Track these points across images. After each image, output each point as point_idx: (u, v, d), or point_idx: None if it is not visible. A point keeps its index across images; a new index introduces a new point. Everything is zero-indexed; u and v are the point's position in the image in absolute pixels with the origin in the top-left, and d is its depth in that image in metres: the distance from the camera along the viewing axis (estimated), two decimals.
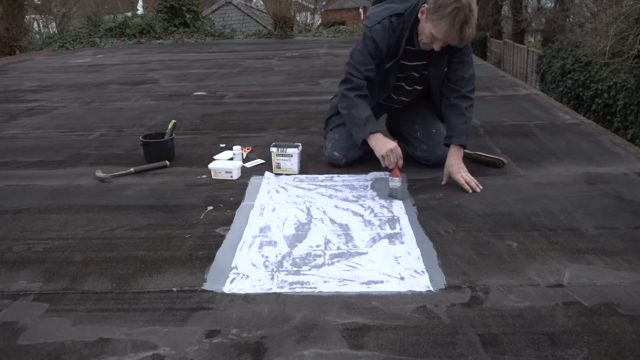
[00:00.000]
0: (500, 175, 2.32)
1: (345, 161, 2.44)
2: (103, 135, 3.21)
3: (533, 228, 1.82)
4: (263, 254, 1.69)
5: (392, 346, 1.24)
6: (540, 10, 17.32)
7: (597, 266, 1.57)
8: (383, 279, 1.53)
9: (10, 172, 2.59)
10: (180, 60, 6.96)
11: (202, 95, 4.44)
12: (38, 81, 5.50)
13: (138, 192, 2.26)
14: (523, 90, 4.26)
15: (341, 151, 2.43)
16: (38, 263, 1.68)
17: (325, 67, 5.82)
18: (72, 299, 1.48)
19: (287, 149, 2.37)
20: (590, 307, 1.37)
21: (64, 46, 9.44)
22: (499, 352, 1.21)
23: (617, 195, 2.07)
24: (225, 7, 16.76)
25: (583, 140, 2.78)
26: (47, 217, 2.03)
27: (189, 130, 3.27)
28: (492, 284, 1.49)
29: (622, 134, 6.41)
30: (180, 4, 10.16)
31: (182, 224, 1.93)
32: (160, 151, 2.60)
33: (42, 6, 15.61)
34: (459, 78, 2.25)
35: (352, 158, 2.44)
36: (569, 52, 7.99)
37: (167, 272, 1.60)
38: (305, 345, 1.26)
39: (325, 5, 24.65)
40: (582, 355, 1.19)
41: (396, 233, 1.81)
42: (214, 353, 1.24)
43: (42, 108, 4.09)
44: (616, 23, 6.33)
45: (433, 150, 2.38)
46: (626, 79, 6.50)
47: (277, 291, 1.48)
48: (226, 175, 2.38)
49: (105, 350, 1.25)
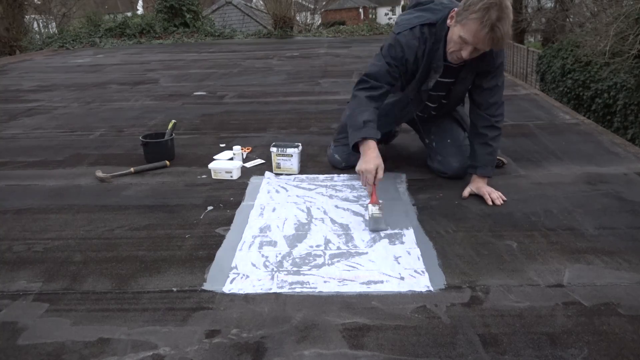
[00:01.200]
0: (500, 175, 2.32)
1: (345, 165, 2.43)
2: (103, 135, 3.21)
3: (533, 228, 1.82)
4: (263, 254, 1.69)
5: (392, 346, 1.24)
6: (540, 10, 17.31)
7: (597, 266, 1.57)
8: (383, 279, 1.53)
9: (10, 172, 2.59)
10: (180, 60, 6.96)
11: (202, 95, 4.44)
12: (38, 81, 5.50)
13: (138, 192, 2.26)
14: (523, 90, 4.26)
15: (342, 155, 2.42)
16: (38, 263, 1.68)
17: (325, 67, 5.81)
18: (72, 299, 1.48)
19: (287, 149, 2.37)
20: (590, 307, 1.37)
21: (64, 46, 9.43)
22: (499, 352, 1.21)
23: (617, 195, 2.07)
24: (225, 7, 16.76)
25: (583, 140, 2.78)
26: (47, 217, 2.03)
27: (189, 130, 3.27)
28: (492, 284, 1.49)
29: (622, 134, 6.41)
30: (180, 4, 10.16)
31: (182, 224, 1.93)
32: (160, 151, 2.60)
33: (42, 6, 15.60)
34: (489, 105, 2.09)
35: (352, 163, 2.38)
36: (569, 52, 7.99)
37: (167, 272, 1.60)
38: (305, 345, 1.26)
39: (325, 5, 24.66)
40: (582, 355, 1.20)
41: (396, 233, 1.81)
42: (214, 353, 1.24)
43: (42, 108, 4.09)
44: (616, 23, 6.33)
45: (448, 161, 2.26)
46: (626, 79, 6.50)
47: (277, 291, 1.48)
48: (226, 175, 2.38)
49: (105, 350, 1.25)
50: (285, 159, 2.38)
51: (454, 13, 1.88)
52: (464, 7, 1.82)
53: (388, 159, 2.53)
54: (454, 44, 1.90)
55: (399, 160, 2.53)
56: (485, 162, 2.10)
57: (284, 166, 2.40)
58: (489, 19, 1.75)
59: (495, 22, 1.75)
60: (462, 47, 1.87)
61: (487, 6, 1.75)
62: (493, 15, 1.74)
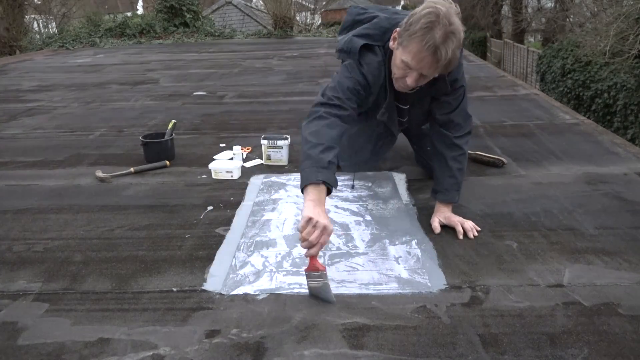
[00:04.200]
0: (500, 175, 2.32)
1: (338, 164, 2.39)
2: (103, 135, 3.21)
3: (533, 228, 1.82)
4: (263, 254, 1.69)
5: (392, 346, 1.24)
6: (540, 10, 17.32)
7: (597, 266, 1.57)
8: (383, 279, 1.53)
9: (10, 172, 2.59)
10: (180, 60, 6.96)
11: (202, 95, 4.44)
12: (38, 81, 5.50)
13: (138, 192, 2.26)
14: (523, 90, 4.26)
15: None
16: (38, 263, 1.68)
17: (325, 67, 5.81)
18: (72, 299, 1.48)
19: (278, 141, 2.50)
20: (590, 307, 1.37)
21: (64, 46, 9.43)
22: (499, 352, 1.21)
23: (617, 195, 2.07)
24: (225, 7, 16.76)
25: (583, 140, 2.78)
26: (47, 217, 2.03)
27: (189, 130, 3.27)
28: (492, 284, 1.49)
29: (622, 134, 6.42)
30: (180, 4, 10.17)
31: (182, 224, 1.93)
32: (160, 151, 2.60)
33: (42, 6, 15.60)
34: (446, 122, 1.87)
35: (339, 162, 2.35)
36: (569, 52, 7.99)
37: (167, 272, 1.60)
38: (305, 345, 1.26)
39: (325, 5, 24.64)
40: (582, 355, 1.19)
41: (396, 233, 1.81)
42: (214, 353, 1.24)
43: (42, 108, 4.09)
44: (616, 23, 6.33)
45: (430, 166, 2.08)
46: (626, 79, 6.51)
47: (277, 291, 1.48)
48: (226, 175, 2.38)
49: (105, 350, 1.25)
50: (276, 150, 2.51)
51: (396, 33, 1.65)
52: (404, 27, 1.58)
53: (388, 159, 2.54)
54: (397, 70, 1.67)
55: (399, 160, 2.53)
56: (446, 186, 1.86)
57: (274, 157, 2.52)
58: (431, 39, 1.50)
59: (440, 43, 1.50)
60: (407, 73, 1.63)
61: (428, 25, 1.50)
62: (437, 34, 1.50)
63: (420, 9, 1.55)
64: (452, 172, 1.86)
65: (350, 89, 1.73)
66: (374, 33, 1.77)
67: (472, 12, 17.19)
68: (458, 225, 1.78)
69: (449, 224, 1.81)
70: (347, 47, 1.79)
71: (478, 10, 16.99)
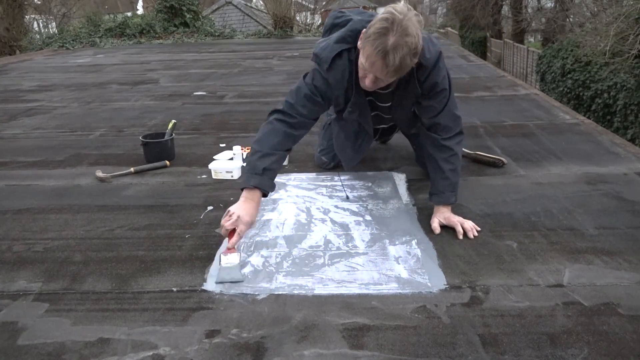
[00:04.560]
0: (500, 175, 2.32)
1: (333, 165, 2.42)
2: (103, 135, 3.21)
3: (533, 228, 1.82)
4: (262, 255, 1.69)
5: (392, 346, 1.24)
6: (540, 10, 17.32)
7: (597, 266, 1.57)
8: (383, 279, 1.53)
9: (10, 172, 2.59)
10: (180, 60, 6.96)
11: (202, 95, 4.44)
12: (38, 81, 5.50)
13: (138, 192, 2.26)
14: (523, 90, 4.26)
15: (327, 156, 2.42)
16: (38, 263, 1.68)
17: None
18: (72, 299, 1.48)
19: None
20: (590, 307, 1.37)
21: (64, 46, 9.44)
22: (499, 352, 1.21)
23: (617, 195, 2.07)
24: (225, 7, 16.76)
25: (583, 140, 2.78)
26: (47, 217, 2.03)
27: (189, 130, 3.27)
28: (492, 284, 1.49)
29: (622, 134, 6.42)
30: (180, 4, 10.17)
31: (182, 224, 1.93)
32: (160, 151, 2.60)
33: (42, 6, 15.61)
34: (432, 124, 1.89)
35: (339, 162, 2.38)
36: (569, 52, 8.00)
37: (167, 272, 1.60)
38: (305, 345, 1.26)
39: (325, 5, 24.63)
40: (582, 355, 1.19)
41: (396, 233, 1.81)
42: (214, 353, 1.24)
43: (42, 108, 4.09)
44: (616, 23, 6.33)
45: None
46: (626, 79, 6.51)
47: (277, 291, 1.48)
48: (227, 175, 2.38)
49: (105, 350, 1.25)
50: None
51: (362, 35, 1.65)
52: (366, 30, 1.60)
53: (388, 159, 2.55)
54: (360, 70, 1.71)
55: (399, 160, 2.53)
56: (441, 188, 1.87)
57: None
58: (381, 44, 1.53)
59: (390, 49, 1.52)
60: (365, 74, 1.68)
61: (381, 31, 1.52)
62: (389, 40, 1.52)
63: (380, 14, 1.59)
64: (444, 174, 1.88)
65: (305, 96, 1.81)
66: (347, 35, 1.80)
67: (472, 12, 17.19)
68: (458, 225, 1.79)
69: (448, 224, 1.82)
70: (320, 54, 1.82)
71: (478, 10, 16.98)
